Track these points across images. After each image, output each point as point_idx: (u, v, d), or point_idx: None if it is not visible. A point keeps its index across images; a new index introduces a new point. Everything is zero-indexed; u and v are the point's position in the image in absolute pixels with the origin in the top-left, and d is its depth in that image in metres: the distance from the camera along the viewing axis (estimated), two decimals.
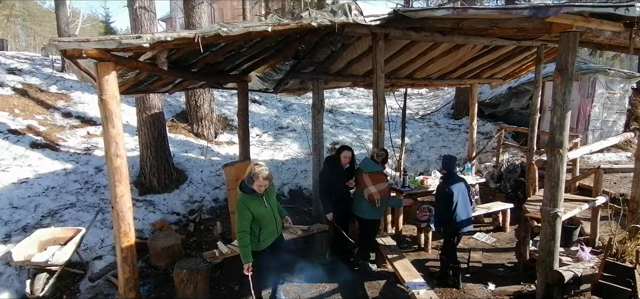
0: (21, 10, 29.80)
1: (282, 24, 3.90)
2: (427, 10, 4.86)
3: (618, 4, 3.58)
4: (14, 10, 25.96)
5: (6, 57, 12.33)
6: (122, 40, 3.21)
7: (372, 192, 4.63)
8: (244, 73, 6.25)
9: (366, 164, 4.83)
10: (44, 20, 31.29)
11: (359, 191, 4.85)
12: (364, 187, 4.69)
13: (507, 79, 8.68)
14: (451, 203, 4.42)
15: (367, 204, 4.71)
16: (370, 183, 4.65)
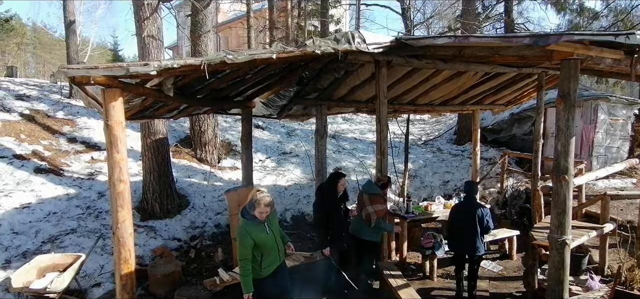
0: (32, 39, 30.64)
1: (286, 51, 3.97)
2: (428, 38, 4.95)
3: (618, 32, 3.64)
4: (25, 38, 26.68)
5: (15, 84, 12.58)
6: (130, 67, 3.27)
7: (369, 212, 4.68)
8: (248, 99, 6.32)
9: (368, 186, 4.93)
10: (54, 48, 32.08)
11: (359, 212, 4.90)
12: (362, 208, 4.78)
13: (509, 105, 8.73)
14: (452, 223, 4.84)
15: (366, 224, 4.76)
16: (368, 203, 4.71)
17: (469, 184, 5.02)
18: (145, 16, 6.62)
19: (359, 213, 4.89)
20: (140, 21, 6.66)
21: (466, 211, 4.81)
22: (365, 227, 4.78)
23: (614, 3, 11.86)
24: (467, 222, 4.74)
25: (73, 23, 12.60)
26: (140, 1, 6.61)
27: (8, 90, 11.49)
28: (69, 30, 12.39)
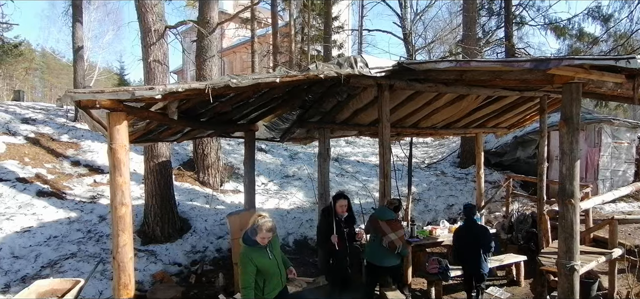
0: (40, 64, 31.29)
1: (289, 75, 4.01)
2: (430, 63, 5.01)
3: (618, 56, 3.66)
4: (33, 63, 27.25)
5: (22, 108, 12.75)
6: (135, 91, 3.31)
7: (394, 240, 4.59)
8: (252, 122, 6.36)
9: (382, 212, 4.81)
10: (61, 73, 32.72)
11: (375, 239, 4.75)
12: (383, 235, 4.63)
13: (512, 128, 8.73)
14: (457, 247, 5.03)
15: (386, 251, 4.64)
16: (389, 230, 4.62)
17: (467, 208, 5.29)
18: (151, 42, 6.76)
19: (374, 240, 4.75)
20: (147, 46, 6.80)
21: (467, 233, 5.06)
22: (386, 254, 4.67)
23: (614, 28, 12.03)
24: (470, 244, 4.95)
25: (81, 49, 12.88)
26: (147, 27, 6.76)
27: (15, 114, 11.65)
28: (76, 56, 12.65)
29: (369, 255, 4.83)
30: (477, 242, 4.94)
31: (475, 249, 4.92)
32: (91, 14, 25.24)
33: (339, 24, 21.02)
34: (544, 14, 13.44)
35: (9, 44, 18.98)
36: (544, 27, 13.39)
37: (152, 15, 6.76)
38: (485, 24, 14.28)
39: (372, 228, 4.79)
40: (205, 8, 8.89)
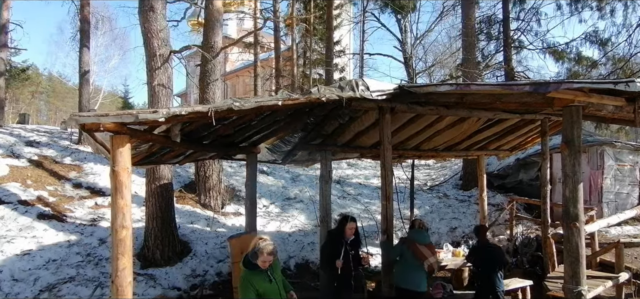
0: (46, 87, 31.80)
1: (292, 98, 4.06)
2: (431, 86, 5.06)
3: (618, 80, 3.69)
4: (40, 87, 27.71)
5: (26, 131, 12.87)
6: (139, 114, 3.35)
7: (433, 263, 4.55)
8: (254, 145, 6.39)
9: (420, 235, 4.72)
10: (67, 96, 33.20)
11: (406, 264, 4.60)
12: (423, 259, 4.52)
13: (514, 151, 8.72)
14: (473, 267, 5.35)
15: (423, 276, 4.56)
16: (429, 254, 4.57)
17: (479, 228, 5.72)
18: (156, 66, 6.88)
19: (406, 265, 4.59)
20: (152, 71, 6.92)
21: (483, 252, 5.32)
22: (423, 279, 4.58)
23: (612, 52, 12.18)
24: (487, 262, 5.13)
25: (87, 73, 13.11)
26: (152, 52, 6.90)
27: (19, 136, 11.75)
28: (82, 80, 12.86)
29: (404, 281, 4.60)
30: (493, 259, 5.06)
31: (492, 267, 5.05)
32: (98, 39, 25.86)
33: (340, 48, 21.40)
34: (542, 39, 13.67)
35: (16, 69, 19.38)
36: (542, 51, 13.59)
37: (158, 40, 6.90)
38: (485, 48, 14.49)
39: (408, 252, 4.60)
40: (209, 33, 9.09)
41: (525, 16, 13.75)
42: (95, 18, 22.81)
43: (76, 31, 15.11)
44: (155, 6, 6.85)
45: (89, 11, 13.68)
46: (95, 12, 21.84)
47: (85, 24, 13.28)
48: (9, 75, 17.09)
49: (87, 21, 13.43)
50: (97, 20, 24.20)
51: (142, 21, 6.93)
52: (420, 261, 4.51)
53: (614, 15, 12.20)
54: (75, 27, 16.49)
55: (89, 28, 13.52)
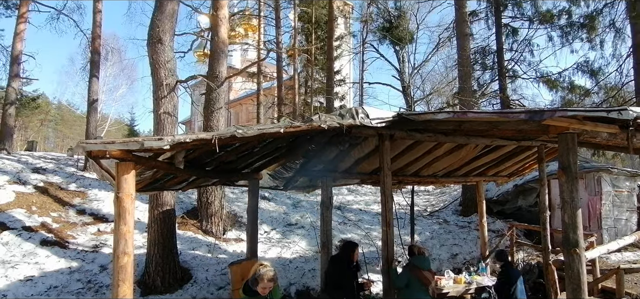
0: (55, 115, 32.30)
1: (293, 126, 4.20)
2: (429, 114, 5.20)
3: (610, 108, 3.82)
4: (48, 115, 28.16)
5: (34, 158, 13.05)
6: (145, 141, 3.48)
7: (434, 288, 4.71)
8: (256, 171, 6.49)
9: (423, 261, 4.81)
10: (74, 124, 33.65)
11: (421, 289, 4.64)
12: (428, 284, 4.63)
13: (512, 177, 8.79)
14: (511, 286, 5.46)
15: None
16: (432, 279, 4.70)
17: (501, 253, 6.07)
18: (162, 95, 7.09)
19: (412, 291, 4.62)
20: (158, 99, 7.12)
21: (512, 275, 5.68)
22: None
23: (604, 81, 12.45)
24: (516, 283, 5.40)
25: (95, 101, 13.42)
26: (159, 81, 7.13)
27: (26, 163, 11.92)
28: (90, 108, 13.15)
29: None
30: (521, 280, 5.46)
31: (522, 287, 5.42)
32: (107, 69, 26.53)
33: (340, 77, 21.86)
34: (535, 68, 14.02)
35: (27, 97, 19.82)
36: (536, 80, 13.90)
37: (165, 70, 7.15)
38: (480, 77, 14.83)
39: (414, 278, 4.63)
40: (214, 63, 9.38)
41: (518, 47, 14.16)
42: (106, 50, 23.47)
43: (87, 62, 15.56)
44: (163, 39, 7.14)
45: (99, 43, 14.15)
46: (106, 44, 22.49)
47: (95, 55, 13.71)
48: (20, 104, 17.47)
49: (97, 52, 13.86)
50: (107, 51, 24.90)
51: (150, 53, 7.20)
52: (426, 287, 4.58)
53: (604, 46, 12.57)
54: (85, 58, 16.99)
55: (99, 59, 13.94)
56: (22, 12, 14.36)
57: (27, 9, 14.57)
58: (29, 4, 14.74)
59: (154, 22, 7.25)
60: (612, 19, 12.17)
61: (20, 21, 14.27)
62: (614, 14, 12.13)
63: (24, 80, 16.23)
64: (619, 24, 12.07)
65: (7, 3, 15.85)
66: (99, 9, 14.07)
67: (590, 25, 12.46)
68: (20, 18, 14.33)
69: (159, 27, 7.16)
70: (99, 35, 13.96)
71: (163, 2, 7.28)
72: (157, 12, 7.28)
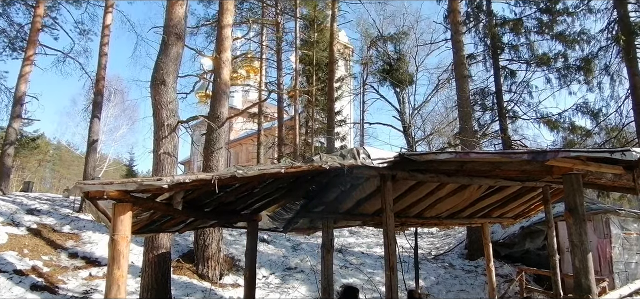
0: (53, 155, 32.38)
1: (294, 166, 4.14)
2: (430, 154, 5.16)
3: (613, 149, 3.79)
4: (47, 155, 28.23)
5: (29, 199, 12.89)
6: (144, 182, 3.40)
7: None
8: (255, 212, 6.35)
9: None
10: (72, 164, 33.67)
11: None
12: None
13: (518, 218, 8.60)
14: None
15: None
16: None
17: None
18: (163, 135, 7.09)
19: None
20: (159, 140, 7.11)
21: None
22: None
23: (604, 121, 12.54)
24: None
25: (95, 142, 13.47)
26: (160, 122, 7.16)
27: (21, 204, 11.74)
28: (90, 148, 13.17)
29: None
30: None
31: None
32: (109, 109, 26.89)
33: (341, 117, 22.11)
34: (535, 109, 14.17)
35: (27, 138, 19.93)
36: (536, 120, 14.01)
37: (167, 111, 7.20)
38: (480, 118, 14.96)
39: None
40: (216, 104, 9.48)
41: (516, 89, 14.40)
42: (109, 91, 23.96)
43: (89, 103, 15.78)
44: (167, 80, 7.25)
45: (103, 85, 14.44)
46: (109, 85, 22.98)
47: (98, 97, 13.93)
48: (19, 144, 17.53)
49: (100, 94, 14.10)
50: (109, 92, 25.41)
51: (153, 94, 7.29)
52: None
53: (602, 88, 12.78)
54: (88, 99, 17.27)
55: (101, 100, 14.16)
56: (29, 55, 14.74)
57: (33, 51, 14.97)
58: (36, 47, 15.17)
59: (158, 64, 7.39)
60: (606, 63, 12.46)
61: (26, 63, 14.61)
62: (610, 58, 12.44)
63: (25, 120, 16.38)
64: (614, 67, 12.34)
65: (13, 45, 16.32)
66: (105, 52, 14.48)
67: (587, 68, 12.74)
68: (26, 60, 14.68)
69: (163, 69, 7.30)
70: (103, 77, 14.26)
71: (168, 45, 7.47)
72: (162, 55, 7.45)
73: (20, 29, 16.41)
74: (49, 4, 16.33)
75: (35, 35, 14.83)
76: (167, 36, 7.48)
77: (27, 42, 14.97)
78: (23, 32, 16.29)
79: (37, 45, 15.25)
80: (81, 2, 17.03)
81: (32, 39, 14.78)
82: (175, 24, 7.62)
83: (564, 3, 13.78)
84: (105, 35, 14.62)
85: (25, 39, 15.78)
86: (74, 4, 17.20)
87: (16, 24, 16.51)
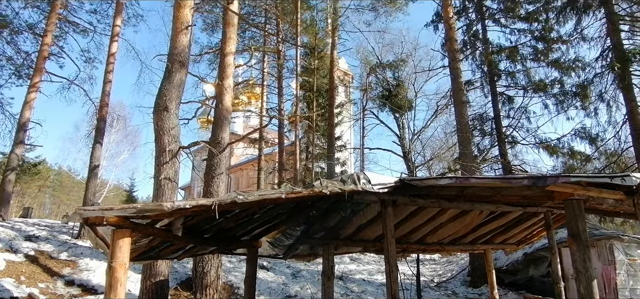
0: (53, 181, 32.32)
1: (295, 192, 4.14)
2: (431, 179, 5.16)
3: (613, 174, 3.80)
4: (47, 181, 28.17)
5: (28, 225, 12.79)
6: (144, 207, 3.41)
7: None
8: (255, 238, 6.30)
9: None
10: (72, 190, 33.55)
11: None
12: None
13: (521, 244, 8.50)
14: None
15: None
16: None
17: None
18: (165, 161, 7.12)
19: None
20: (160, 165, 7.14)
21: None
22: None
23: (603, 146, 12.58)
24: None
25: (97, 167, 13.48)
26: (162, 147, 7.20)
27: (20, 231, 11.65)
28: (91, 174, 13.17)
29: None
30: None
31: None
32: (111, 135, 27.03)
33: (341, 143, 22.19)
34: (533, 134, 14.24)
35: (28, 163, 19.93)
36: (535, 145, 14.06)
37: (169, 137, 7.26)
38: (480, 143, 15.01)
39: None
40: (217, 130, 9.55)
41: (514, 114, 14.53)
42: (112, 117, 24.15)
43: (92, 129, 15.86)
44: (170, 106, 7.35)
45: (106, 111, 14.58)
46: (112, 111, 23.17)
47: (101, 123, 14.04)
48: (20, 170, 17.53)
49: (103, 120, 14.22)
50: (112, 118, 25.61)
51: (155, 120, 7.37)
52: None
53: (599, 113, 12.89)
54: (91, 125, 17.36)
55: (104, 126, 14.26)
56: (34, 82, 14.95)
57: (39, 78, 15.19)
58: (42, 74, 15.41)
59: (161, 91, 7.51)
60: (602, 89, 12.61)
61: (32, 90, 14.79)
62: (605, 84, 12.59)
63: (28, 146, 16.42)
64: (610, 93, 12.48)
65: (19, 73, 16.59)
66: (109, 79, 14.71)
67: (583, 94, 12.89)
68: (31, 87, 14.87)
69: (166, 95, 7.41)
70: (107, 103, 14.43)
71: (172, 72, 7.62)
72: (166, 82, 7.58)
73: (27, 57, 16.73)
74: (56, 33, 16.72)
75: (41, 63, 15.10)
76: (171, 64, 7.63)
77: (34, 69, 15.21)
78: (30, 59, 16.60)
79: (43, 73, 15.50)
80: (88, 31, 17.46)
81: (38, 66, 15.04)
82: (180, 52, 7.79)
83: (557, 32, 14.09)
84: (110, 63, 14.89)
85: (31, 66, 16.05)
86: (80, 34, 17.63)
87: (23, 52, 16.87)
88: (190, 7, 8.23)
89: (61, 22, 16.99)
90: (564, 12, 13.31)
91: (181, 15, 7.99)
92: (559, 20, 13.63)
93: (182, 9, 8.00)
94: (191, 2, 8.35)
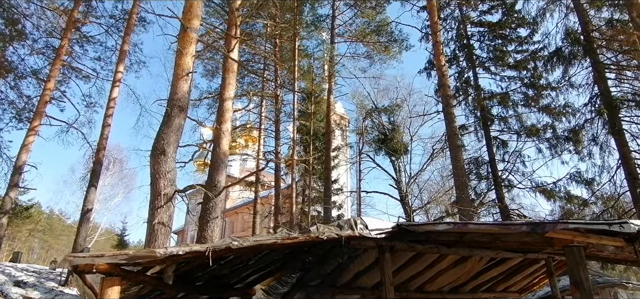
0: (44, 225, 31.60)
1: (291, 237, 4.07)
2: (428, 224, 5.11)
3: (611, 221, 3.78)
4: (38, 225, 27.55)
5: (17, 270, 12.39)
6: (135, 254, 3.32)
7: None
8: (249, 286, 6.09)
9: None
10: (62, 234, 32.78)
11: None
12: None
13: (523, 292, 8.26)
14: None
15: None
16: None
17: None
18: (159, 204, 7.03)
19: None
20: (154, 209, 7.03)
21: None
22: None
23: (599, 191, 12.59)
24: None
25: (90, 211, 13.23)
26: (157, 191, 7.13)
27: (10, 276, 11.30)
28: (83, 218, 12.90)
29: None
30: None
31: None
32: (106, 178, 26.81)
33: (338, 186, 22.11)
34: (529, 178, 14.29)
35: (21, 207, 19.57)
36: (532, 189, 14.07)
37: (165, 180, 7.21)
38: (477, 186, 15.02)
39: None
40: (214, 173, 9.52)
41: (509, 158, 14.68)
42: (108, 160, 24.07)
43: (87, 172, 15.73)
44: (167, 150, 7.37)
45: (103, 154, 14.55)
46: (109, 154, 23.15)
47: (97, 166, 13.97)
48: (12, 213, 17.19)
49: (99, 163, 14.16)
50: (109, 161, 25.52)
51: (152, 163, 7.35)
52: None
53: (592, 157, 13.02)
54: (87, 168, 17.24)
55: (100, 169, 14.16)
56: (34, 125, 15.02)
57: (39, 122, 15.28)
58: (42, 118, 15.52)
59: (160, 135, 7.56)
60: (593, 134, 12.84)
61: (30, 134, 14.82)
62: (596, 129, 12.83)
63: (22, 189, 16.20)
64: (602, 138, 12.68)
65: (20, 116, 16.71)
66: (108, 123, 14.82)
67: (576, 139, 13.10)
68: (30, 130, 14.92)
69: (164, 139, 7.45)
70: (104, 146, 14.43)
71: (171, 117, 7.71)
72: (164, 126, 7.65)
73: (28, 101, 16.93)
74: (59, 78, 17.05)
75: (42, 107, 15.25)
76: (171, 108, 7.74)
77: (34, 113, 15.34)
78: (31, 103, 16.79)
79: (43, 117, 15.62)
80: (90, 77, 17.84)
81: (39, 110, 15.18)
82: (180, 97, 7.94)
83: (546, 79, 14.58)
84: (111, 107, 15.07)
85: (32, 110, 16.20)
86: (83, 79, 17.99)
87: (25, 96, 17.09)
88: (191, 55, 8.49)
89: (64, 68, 17.39)
90: (551, 61, 13.84)
91: (183, 62, 8.23)
92: (547, 69, 14.15)
93: (183, 56, 8.25)
94: (193, 50, 8.63)
